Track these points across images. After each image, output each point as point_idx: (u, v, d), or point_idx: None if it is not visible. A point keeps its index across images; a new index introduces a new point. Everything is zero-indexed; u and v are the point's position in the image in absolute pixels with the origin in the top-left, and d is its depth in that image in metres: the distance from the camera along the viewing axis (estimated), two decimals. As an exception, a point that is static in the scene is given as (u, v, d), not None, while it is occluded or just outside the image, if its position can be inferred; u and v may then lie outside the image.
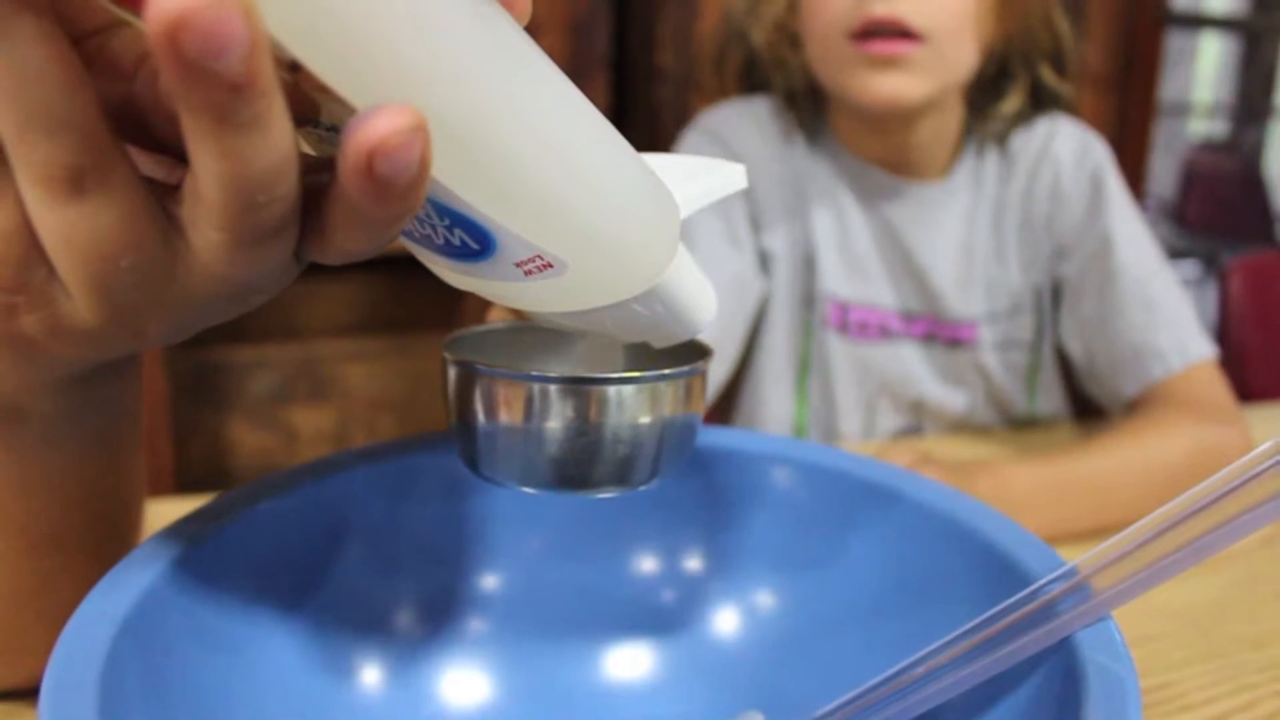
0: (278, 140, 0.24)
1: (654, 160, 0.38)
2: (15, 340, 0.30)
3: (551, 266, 0.29)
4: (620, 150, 0.30)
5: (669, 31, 1.37)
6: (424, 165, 0.24)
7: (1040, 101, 0.92)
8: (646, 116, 1.42)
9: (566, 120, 0.28)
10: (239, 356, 1.39)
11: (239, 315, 0.32)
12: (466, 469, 0.38)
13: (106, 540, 0.42)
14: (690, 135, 0.96)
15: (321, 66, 0.23)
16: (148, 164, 0.29)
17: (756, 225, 0.92)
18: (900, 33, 0.79)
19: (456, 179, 0.26)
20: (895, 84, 0.81)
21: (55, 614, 0.39)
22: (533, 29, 0.28)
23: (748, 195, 0.92)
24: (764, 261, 0.92)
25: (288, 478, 0.42)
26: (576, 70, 1.36)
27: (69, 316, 0.29)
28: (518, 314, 0.46)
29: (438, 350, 0.38)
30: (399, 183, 0.24)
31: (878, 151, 0.91)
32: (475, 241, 0.28)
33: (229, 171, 0.24)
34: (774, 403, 0.94)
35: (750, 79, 0.97)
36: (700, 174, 0.37)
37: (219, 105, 0.23)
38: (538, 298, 0.31)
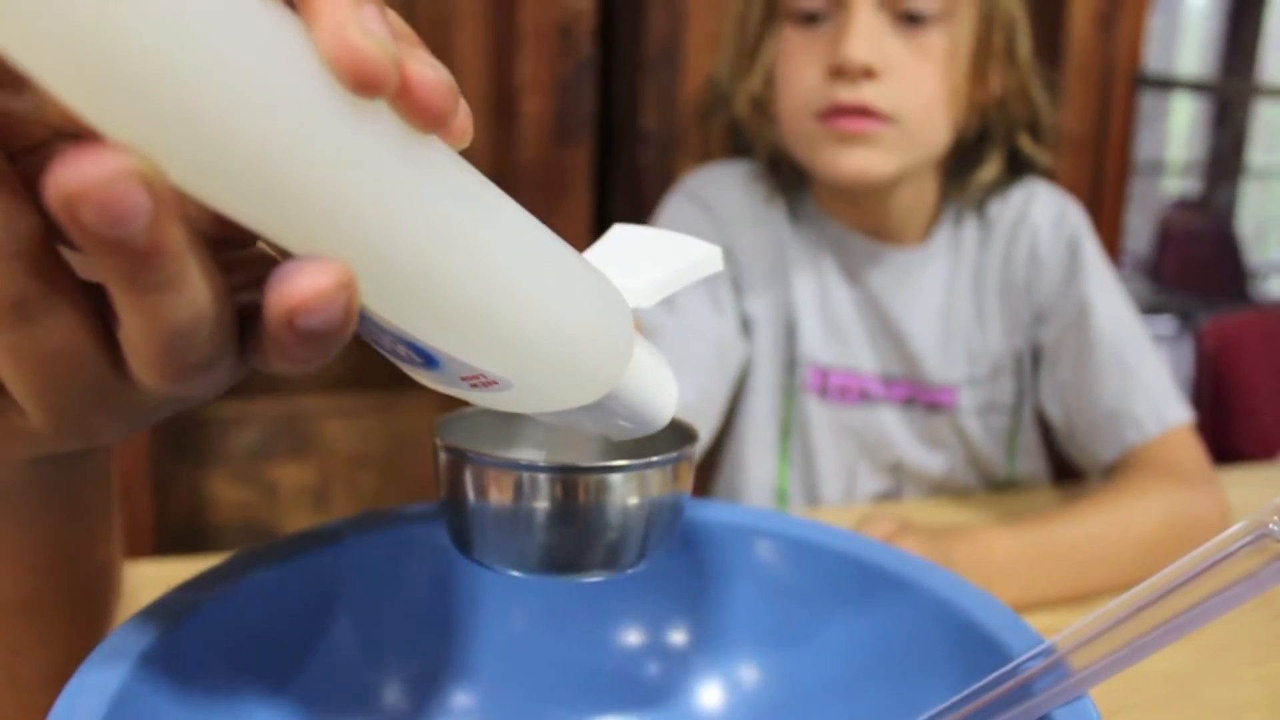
0: (193, 297, 0.24)
1: (631, 236, 0.38)
2: None
3: (496, 383, 0.29)
4: (562, 266, 0.30)
5: (652, 94, 1.39)
6: (349, 315, 0.24)
7: (1018, 168, 0.93)
8: (630, 178, 1.43)
9: (500, 246, 0.27)
10: (221, 411, 1.38)
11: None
12: (455, 549, 0.39)
13: (81, 608, 0.41)
14: (673, 199, 0.97)
15: (239, 214, 0.22)
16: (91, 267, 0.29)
17: (739, 289, 0.93)
18: (868, 113, 0.81)
19: (388, 311, 0.26)
20: (862, 160, 0.82)
21: (28, 682, 0.39)
22: (519, 90, 0.28)
23: (730, 259, 0.93)
24: (746, 326, 0.93)
25: (275, 549, 0.42)
26: (561, 131, 1.37)
27: (20, 426, 0.29)
28: None
29: (421, 407, 0.38)
30: (323, 333, 0.24)
31: (856, 219, 0.92)
32: (419, 356, 0.28)
33: (144, 325, 0.24)
34: (756, 466, 0.95)
35: (736, 140, 0.98)
36: (677, 254, 0.37)
37: (126, 272, 0.23)
38: (492, 402, 0.31)
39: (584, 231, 1.42)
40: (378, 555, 0.44)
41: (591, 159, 1.41)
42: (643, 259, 0.36)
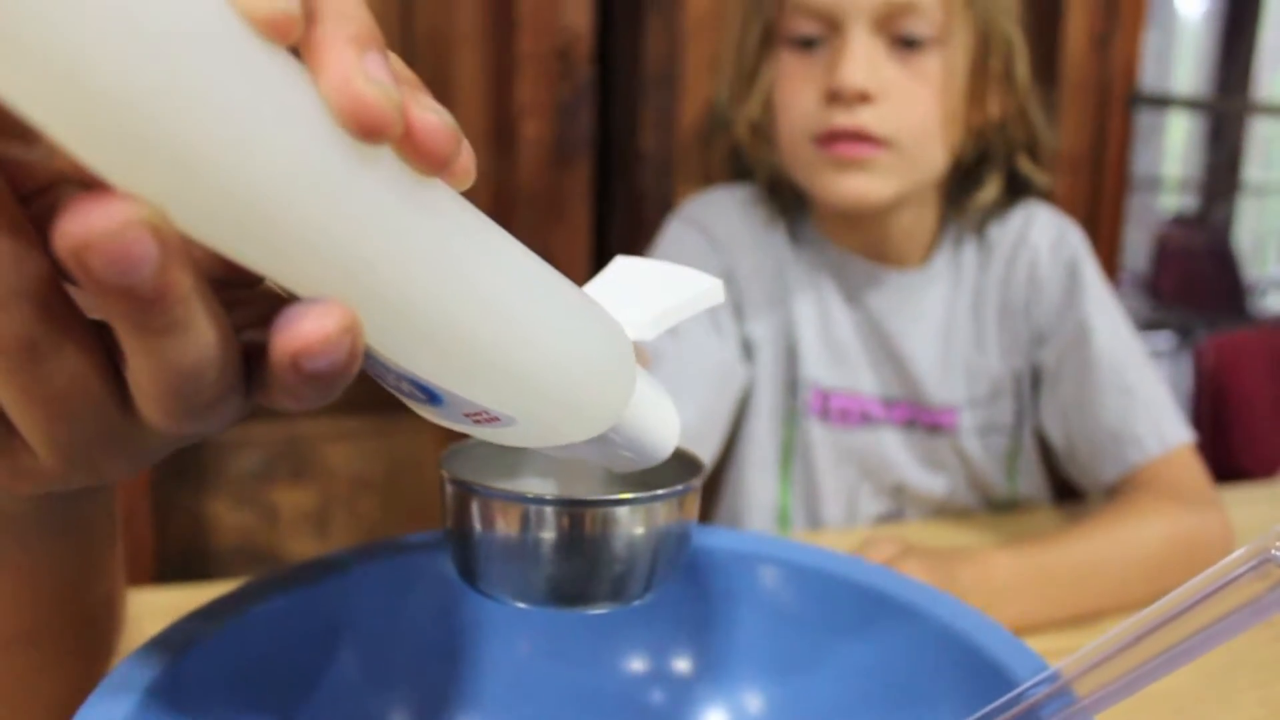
0: (199, 338, 0.24)
1: (633, 268, 0.39)
2: None
3: (498, 420, 0.29)
4: (563, 302, 0.30)
5: (651, 117, 1.39)
6: (354, 357, 0.24)
7: (1017, 190, 0.93)
8: (629, 200, 1.44)
9: (502, 286, 0.28)
10: (221, 435, 1.38)
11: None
12: (461, 578, 0.39)
13: (85, 639, 0.42)
14: (673, 223, 0.97)
15: (245, 258, 0.23)
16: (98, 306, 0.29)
17: (739, 313, 0.93)
18: (865, 137, 0.81)
19: (392, 351, 0.26)
20: (861, 185, 0.83)
21: (32, 713, 0.39)
22: (518, 113, 0.28)
23: (730, 283, 0.93)
24: (746, 349, 0.93)
25: (280, 580, 0.42)
26: (560, 154, 1.38)
27: (29, 465, 0.29)
28: None
29: (420, 430, 0.39)
30: (328, 374, 0.25)
31: (856, 242, 0.93)
32: (423, 393, 0.29)
33: (151, 367, 0.25)
34: (758, 489, 0.95)
35: (737, 164, 0.98)
36: (679, 286, 0.38)
37: (133, 316, 0.23)
38: (495, 437, 0.31)
39: (583, 253, 1.42)
40: (382, 585, 0.44)
41: (590, 181, 1.41)
42: (645, 291, 0.37)
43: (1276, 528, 0.34)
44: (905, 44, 0.82)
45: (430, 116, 0.25)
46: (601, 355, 0.31)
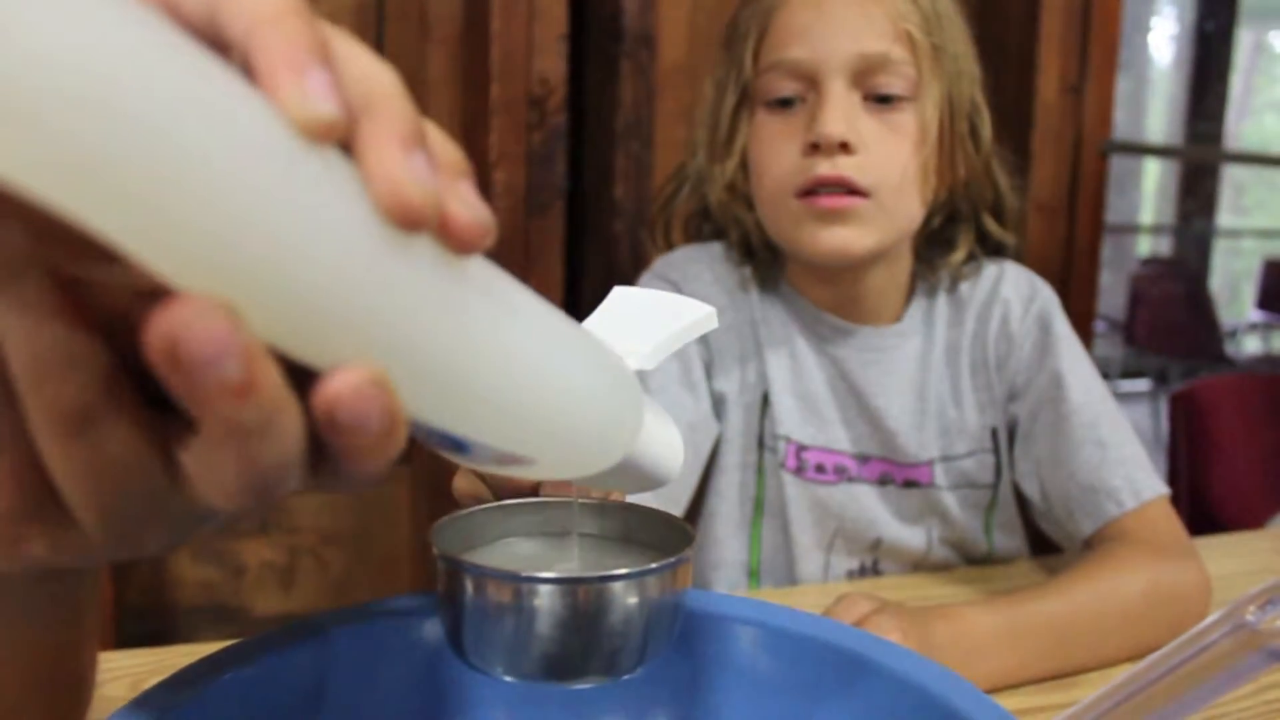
0: (286, 436, 0.25)
1: (630, 298, 0.41)
2: (16, 558, 0.30)
3: (522, 461, 0.31)
4: (578, 349, 0.32)
5: (623, 165, 1.39)
6: (388, 415, 0.25)
7: (988, 249, 0.94)
8: (601, 247, 1.43)
9: (523, 342, 0.29)
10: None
11: None
12: (453, 650, 0.39)
13: (60, 708, 0.41)
14: (645, 279, 0.97)
15: (287, 346, 0.24)
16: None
17: (710, 370, 0.93)
18: (846, 189, 0.82)
19: (421, 411, 0.28)
20: (843, 236, 0.83)
21: None
22: (491, 161, 0.30)
23: (703, 340, 0.92)
24: (717, 405, 0.93)
25: (254, 646, 0.42)
26: (533, 202, 1.38)
27: (74, 539, 0.30)
28: (483, 480, 0.46)
29: (391, 480, 0.39)
30: (364, 429, 0.25)
31: (830, 298, 0.93)
32: (452, 444, 0.30)
33: (235, 468, 0.25)
34: (726, 544, 0.93)
35: (702, 224, 0.99)
36: (675, 316, 0.39)
37: (224, 413, 0.24)
38: (520, 474, 0.33)
39: (556, 300, 1.41)
40: (359, 652, 0.44)
41: (563, 230, 1.41)
42: (644, 321, 0.39)
43: (1250, 592, 0.33)
44: (880, 100, 0.84)
45: (464, 212, 0.27)
46: (614, 395, 0.33)
